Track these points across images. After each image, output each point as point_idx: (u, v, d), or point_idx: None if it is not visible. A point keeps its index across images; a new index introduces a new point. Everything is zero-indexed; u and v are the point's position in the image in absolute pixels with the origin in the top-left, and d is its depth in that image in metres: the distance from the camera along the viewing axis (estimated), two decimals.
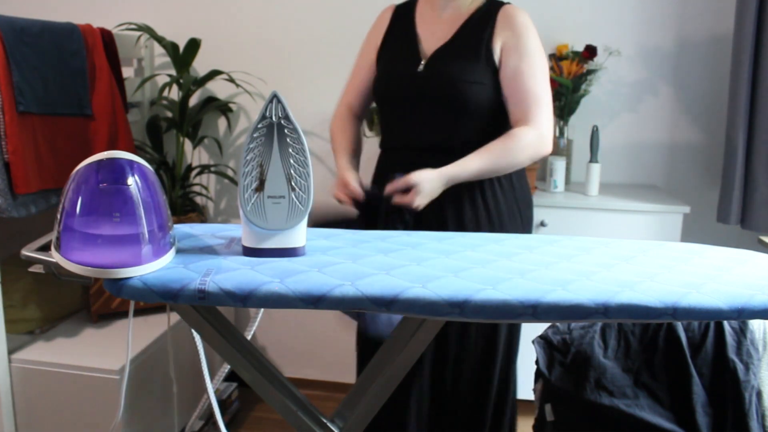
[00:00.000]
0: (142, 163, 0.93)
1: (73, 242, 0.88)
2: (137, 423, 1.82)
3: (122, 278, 0.87)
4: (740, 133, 2.07)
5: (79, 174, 0.90)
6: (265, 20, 2.43)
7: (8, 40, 1.62)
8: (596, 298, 0.86)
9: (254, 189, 0.95)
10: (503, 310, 0.85)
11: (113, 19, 2.40)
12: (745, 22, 2.02)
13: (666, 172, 2.38)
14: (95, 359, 1.76)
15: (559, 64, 2.24)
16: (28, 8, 2.53)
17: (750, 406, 1.28)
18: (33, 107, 1.69)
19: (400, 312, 0.86)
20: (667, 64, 2.31)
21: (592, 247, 1.11)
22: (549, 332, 1.47)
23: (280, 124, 0.95)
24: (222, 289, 0.86)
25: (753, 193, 2.09)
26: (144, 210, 0.90)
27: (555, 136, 2.24)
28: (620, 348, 1.38)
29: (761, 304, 0.87)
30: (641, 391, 1.34)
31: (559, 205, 2.08)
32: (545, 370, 1.43)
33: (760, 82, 2.04)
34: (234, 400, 2.35)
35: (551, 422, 1.42)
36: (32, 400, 1.78)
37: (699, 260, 1.05)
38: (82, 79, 1.88)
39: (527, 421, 1.82)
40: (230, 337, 1.01)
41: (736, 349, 1.31)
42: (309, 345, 2.60)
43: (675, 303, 0.86)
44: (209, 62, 2.45)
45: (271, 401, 1.04)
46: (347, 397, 1.15)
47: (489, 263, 0.99)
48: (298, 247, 0.99)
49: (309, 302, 0.86)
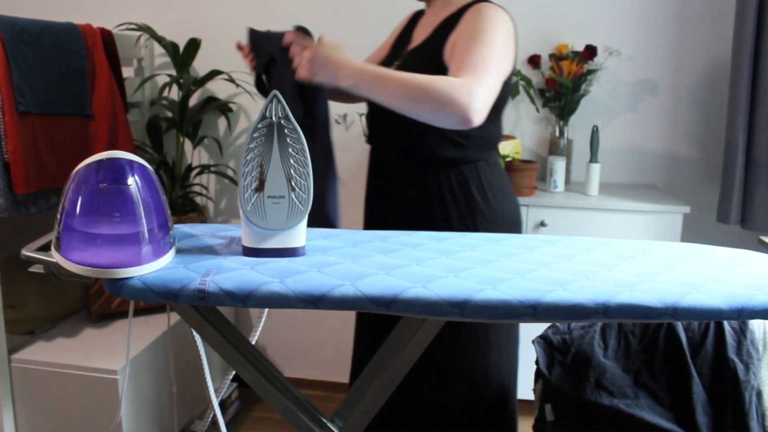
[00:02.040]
0: (142, 163, 0.93)
1: (73, 242, 0.88)
2: (137, 423, 1.82)
3: (122, 278, 0.87)
4: (740, 133, 2.07)
5: (79, 174, 0.90)
6: (265, 20, 2.43)
7: (8, 40, 1.62)
8: (596, 298, 0.86)
9: (254, 189, 0.95)
10: (503, 310, 0.85)
11: (113, 19, 2.40)
12: (745, 23, 2.02)
13: (666, 172, 2.38)
14: (95, 359, 1.76)
15: (559, 64, 2.24)
16: (28, 8, 2.53)
17: (750, 406, 1.29)
18: (33, 107, 1.69)
19: (401, 312, 0.86)
20: (667, 64, 2.31)
21: (592, 247, 1.11)
22: (549, 332, 1.47)
23: (280, 124, 0.95)
24: (222, 289, 0.86)
25: (753, 193, 2.09)
26: (144, 210, 0.90)
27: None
28: (620, 348, 1.38)
29: (761, 304, 0.87)
30: (641, 391, 1.34)
31: (559, 205, 2.08)
32: (545, 370, 1.43)
33: (760, 82, 2.04)
34: (234, 400, 2.35)
35: (551, 422, 1.42)
36: (32, 400, 1.78)
37: (699, 260, 1.05)
38: (82, 79, 1.88)
39: (527, 421, 1.82)
40: (230, 337, 1.01)
41: (736, 349, 1.32)
42: (309, 345, 2.60)
43: (675, 303, 0.86)
44: (209, 62, 2.45)
45: (271, 401, 1.04)
46: (347, 397, 1.15)
47: (489, 263, 0.99)
48: (298, 247, 0.99)
49: (309, 302, 0.86)
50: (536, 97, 2.34)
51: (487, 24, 1.38)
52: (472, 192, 1.50)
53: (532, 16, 2.33)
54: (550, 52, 2.31)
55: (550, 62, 2.29)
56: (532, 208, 2.08)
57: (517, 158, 2.17)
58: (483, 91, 1.29)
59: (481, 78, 1.30)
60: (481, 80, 1.29)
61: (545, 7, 2.31)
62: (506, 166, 2.08)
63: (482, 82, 1.29)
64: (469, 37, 1.37)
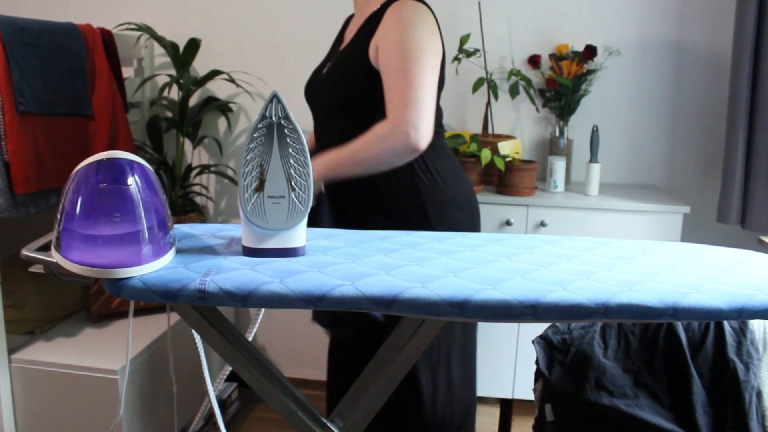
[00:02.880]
0: (142, 163, 0.93)
1: (73, 242, 0.87)
2: (137, 423, 1.82)
3: (122, 278, 0.87)
4: (740, 133, 2.07)
5: (79, 174, 0.90)
6: (265, 20, 2.43)
7: (8, 40, 1.62)
8: (596, 298, 0.86)
9: (254, 189, 0.95)
10: (503, 310, 0.85)
11: (113, 19, 2.40)
12: (745, 23, 2.02)
13: (666, 172, 2.38)
14: (95, 359, 1.76)
15: (559, 64, 2.24)
16: (28, 8, 2.53)
17: (750, 406, 1.28)
18: (33, 107, 1.69)
19: (401, 312, 0.86)
20: (667, 64, 2.31)
21: (592, 247, 1.11)
22: (549, 332, 1.47)
23: (280, 124, 0.95)
24: (222, 289, 0.86)
25: (753, 193, 2.09)
26: (144, 210, 0.90)
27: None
28: (620, 348, 1.38)
29: (761, 304, 0.87)
30: (641, 391, 1.34)
31: (559, 205, 2.08)
32: (545, 370, 1.43)
33: (760, 82, 2.04)
34: (234, 400, 2.35)
35: (551, 422, 1.42)
36: (32, 400, 1.78)
37: (699, 260, 1.05)
38: (82, 79, 1.88)
39: (527, 421, 1.83)
40: (230, 337, 1.01)
41: (736, 349, 1.31)
42: (309, 345, 2.60)
43: (675, 303, 0.86)
44: (209, 62, 2.45)
45: (271, 401, 1.04)
46: (347, 397, 1.15)
47: (489, 263, 0.99)
48: (298, 247, 0.99)
49: (309, 302, 0.86)
50: (536, 97, 2.34)
51: (408, 33, 1.43)
52: (418, 176, 1.53)
53: (532, 16, 2.33)
54: (550, 52, 2.31)
55: (550, 62, 2.29)
56: (532, 208, 2.08)
57: (517, 158, 2.17)
58: (421, 118, 1.39)
59: (416, 105, 1.40)
60: (417, 108, 1.39)
61: (545, 7, 2.31)
62: (506, 166, 2.08)
63: (418, 109, 1.39)
64: (393, 52, 1.43)
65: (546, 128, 2.39)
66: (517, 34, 2.34)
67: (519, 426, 1.87)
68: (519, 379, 1.89)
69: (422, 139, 1.39)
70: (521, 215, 2.07)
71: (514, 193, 2.09)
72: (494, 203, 2.09)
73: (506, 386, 2.15)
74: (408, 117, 1.39)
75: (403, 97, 1.40)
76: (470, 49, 2.22)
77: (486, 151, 2.04)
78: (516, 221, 2.08)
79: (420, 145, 1.39)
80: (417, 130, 1.38)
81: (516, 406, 2.22)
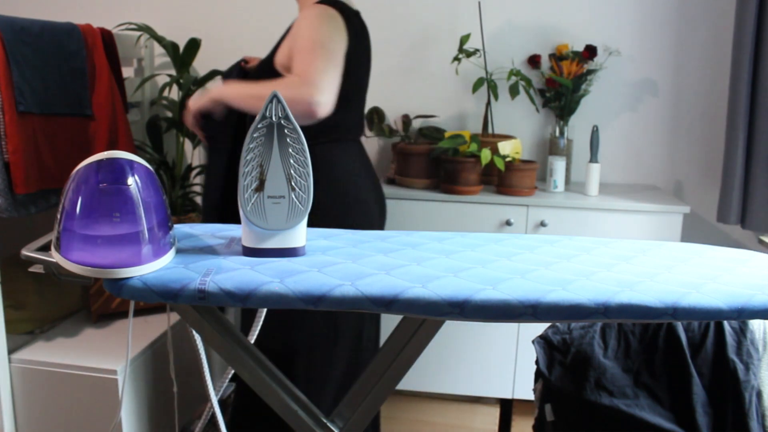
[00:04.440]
0: (142, 163, 0.93)
1: (73, 242, 0.88)
2: (137, 423, 1.82)
3: (122, 278, 0.87)
4: (740, 133, 2.07)
5: (79, 174, 0.90)
6: (265, 20, 2.43)
7: (8, 40, 1.62)
8: (596, 298, 0.86)
9: (254, 189, 0.95)
10: (503, 310, 0.85)
11: (113, 19, 2.40)
12: (745, 22, 2.02)
13: (666, 172, 2.38)
14: (95, 359, 1.76)
15: (559, 64, 2.24)
16: (28, 8, 2.53)
17: (750, 406, 1.29)
18: (33, 107, 1.69)
19: (401, 312, 0.86)
20: (667, 64, 2.31)
21: (592, 247, 1.11)
22: (549, 332, 1.47)
23: (280, 124, 0.95)
24: (222, 289, 0.86)
25: (753, 193, 2.09)
26: (144, 210, 0.90)
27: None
28: (620, 348, 1.38)
29: (761, 304, 0.87)
30: (641, 391, 1.34)
31: (559, 205, 2.08)
32: (545, 370, 1.43)
33: (760, 82, 2.04)
34: None
35: (551, 422, 1.42)
36: (32, 400, 1.78)
37: (699, 260, 1.05)
38: (82, 79, 1.88)
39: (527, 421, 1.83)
40: (230, 337, 1.01)
41: (736, 349, 1.32)
42: None
43: (675, 303, 0.86)
44: (209, 62, 2.45)
45: (271, 401, 1.04)
46: (347, 397, 1.15)
47: (489, 263, 0.99)
48: (298, 247, 0.99)
49: (309, 302, 0.86)
50: (536, 97, 2.34)
51: (314, 27, 1.51)
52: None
53: (532, 16, 2.33)
54: (550, 52, 2.31)
55: (550, 62, 2.29)
56: (532, 208, 2.08)
57: (517, 158, 2.17)
58: (326, 84, 1.43)
59: (323, 74, 1.43)
60: (323, 76, 1.43)
61: (545, 7, 2.31)
62: (506, 166, 2.08)
63: (323, 78, 1.43)
64: (297, 43, 1.51)
65: (546, 128, 2.39)
66: (517, 34, 2.34)
67: (519, 426, 1.87)
68: (519, 379, 1.89)
69: (322, 105, 1.42)
70: (521, 215, 2.07)
71: (514, 193, 2.09)
72: (494, 203, 2.08)
73: (506, 386, 2.15)
74: (315, 78, 1.42)
75: (313, 64, 1.44)
76: (470, 49, 2.22)
77: (486, 151, 2.04)
78: (516, 221, 2.08)
79: (318, 109, 1.41)
80: (321, 93, 1.41)
81: (516, 406, 2.22)
